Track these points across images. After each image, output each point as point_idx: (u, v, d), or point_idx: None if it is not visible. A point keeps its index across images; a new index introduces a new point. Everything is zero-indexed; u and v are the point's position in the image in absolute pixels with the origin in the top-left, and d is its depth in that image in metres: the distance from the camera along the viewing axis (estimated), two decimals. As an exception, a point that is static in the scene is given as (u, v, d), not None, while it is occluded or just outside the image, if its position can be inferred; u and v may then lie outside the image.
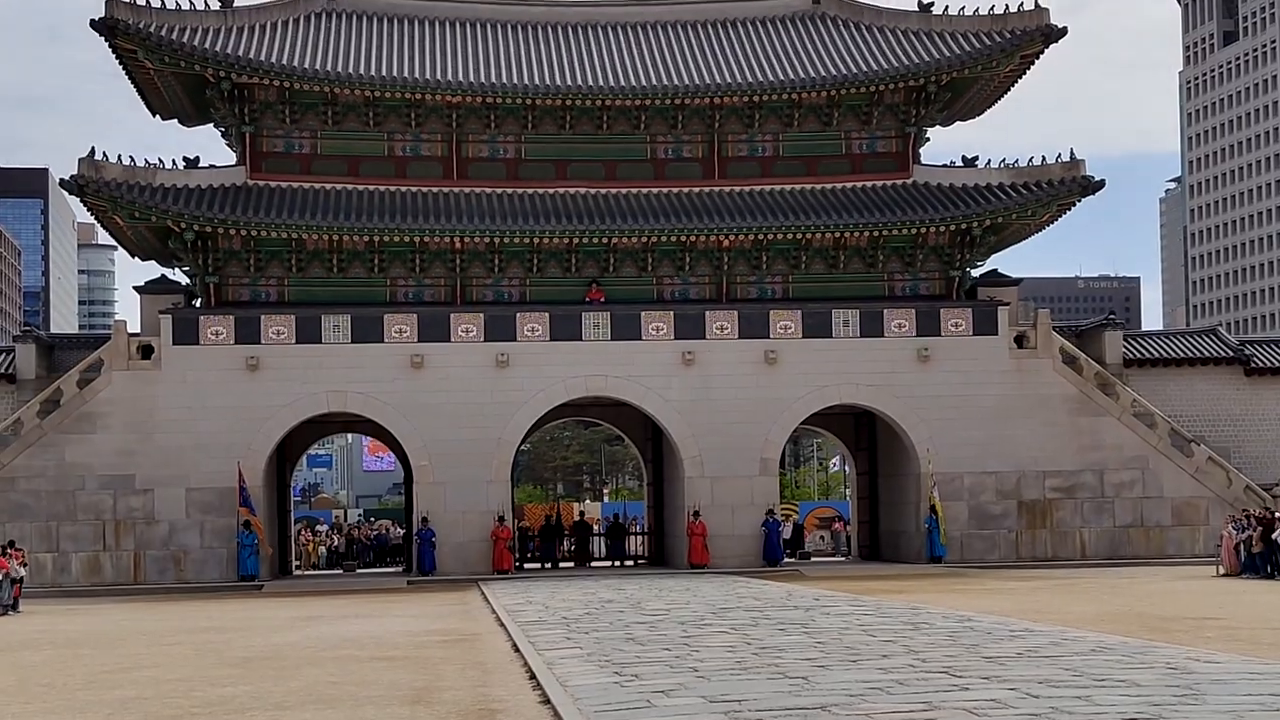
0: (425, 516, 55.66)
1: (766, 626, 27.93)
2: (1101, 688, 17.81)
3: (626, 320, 56.63)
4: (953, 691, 17.78)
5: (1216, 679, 18.42)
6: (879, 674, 19.68)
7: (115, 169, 54.85)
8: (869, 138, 60.04)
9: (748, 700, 17.48)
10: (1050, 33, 58.27)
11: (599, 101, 57.78)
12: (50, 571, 53.49)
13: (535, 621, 31.14)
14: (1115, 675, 18.99)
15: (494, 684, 21.42)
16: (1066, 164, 58.54)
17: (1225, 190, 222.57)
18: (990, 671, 19.64)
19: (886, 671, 19.92)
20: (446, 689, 20.95)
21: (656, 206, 57.68)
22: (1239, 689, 17.52)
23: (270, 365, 55.02)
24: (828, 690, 18.20)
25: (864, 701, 17.12)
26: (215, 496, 54.24)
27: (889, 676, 19.34)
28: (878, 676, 19.39)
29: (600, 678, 20.46)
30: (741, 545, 56.42)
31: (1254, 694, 17.11)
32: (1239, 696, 16.92)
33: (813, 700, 17.33)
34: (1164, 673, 19.17)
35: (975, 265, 59.68)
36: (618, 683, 19.80)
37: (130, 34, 54.34)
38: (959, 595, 38.33)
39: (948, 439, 56.67)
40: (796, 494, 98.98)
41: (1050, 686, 17.98)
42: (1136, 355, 61.42)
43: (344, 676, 22.79)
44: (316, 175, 57.73)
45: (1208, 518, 56.78)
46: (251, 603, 45.19)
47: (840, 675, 19.69)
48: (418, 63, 58.48)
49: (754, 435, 56.73)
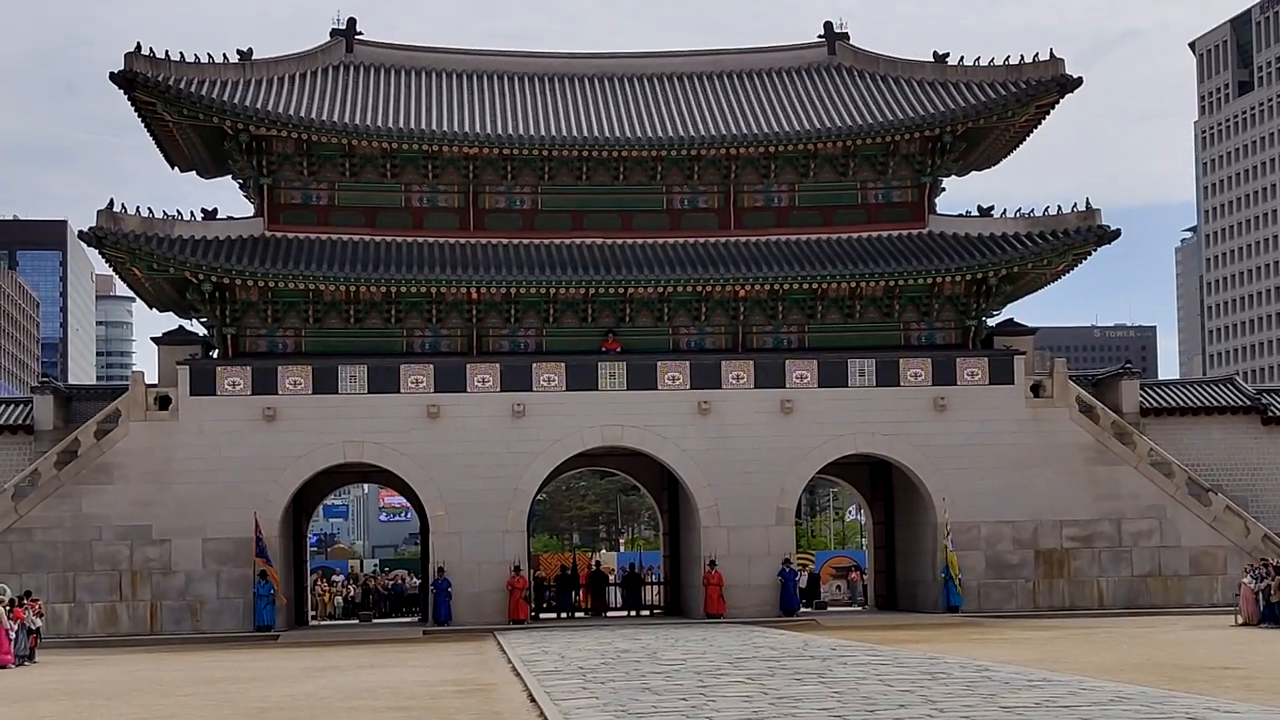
0: (441, 566, 55.62)
1: (783, 676, 27.86)
2: (1119, 737, 17.74)
3: (642, 370, 56.68)
4: (970, 741, 17.71)
5: (1235, 728, 18.33)
6: (896, 724, 19.62)
7: (133, 221, 55.11)
8: (884, 187, 60.16)
9: (764, 750, 17.43)
10: (1065, 83, 58.43)
11: (615, 152, 57.99)
12: (66, 622, 53.49)
13: (551, 671, 31.08)
14: (1133, 725, 18.91)
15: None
16: (1082, 213, 58.59)
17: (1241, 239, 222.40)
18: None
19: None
20: (463, 739, 20.89)
21: (672, 257, 57.80)
22: (1257, 738, 17.44)
23: (287, 416, 55.12)
24: (844, 740, 18.14)
25: (881, 751, 17.07)
26: (232, 547, 54.27)
27: (906, 726, 19.28)
28: (895, 726, 19.33)
29: (617, 727, 20.40)
30: (758, 595, 56.30)
31: (1272, 743, 17.03)
32: (1257, 746, 16.85)
33: (829, 750, 17.28)
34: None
35: (991, 314, 59.69)
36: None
37: (149, 87, 54.69)
38: (976, 645, 38.20)
39: (964, 488, 56.58)
40: (813, 543, 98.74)
41: (1068, 736, 17.91)
42: (1153, 404, 61.33)
43: (360, 726, 22.75)
44: (334, 226, 57.97)
45: (1226, 567, 56.58)
46: (267, 653, 45.14)
47: (857, 725, 19.63)
48: (435, 115, 58.77)
49: (770, 484, 56.68)
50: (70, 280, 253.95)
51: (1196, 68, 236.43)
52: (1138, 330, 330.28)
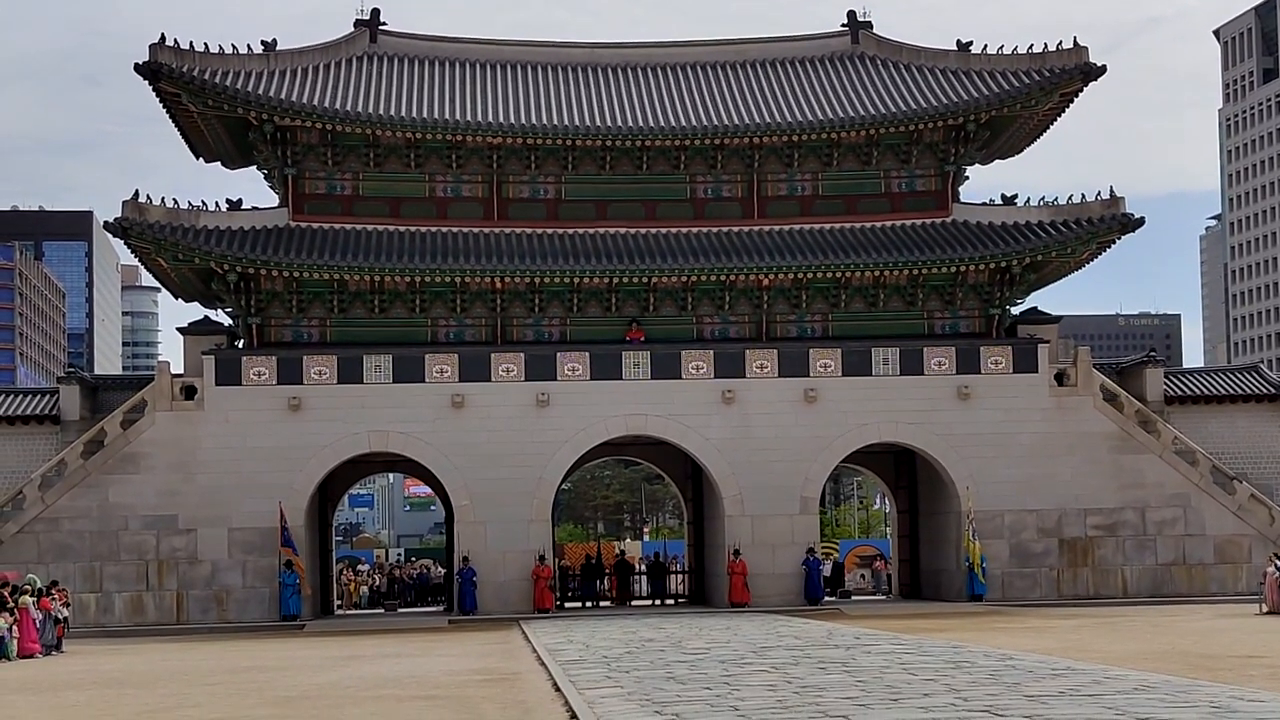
0: (466, 556, 55.77)
1: (807, 665, 27.91)
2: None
3: (666, 359, 56.73)
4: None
5: (1261, 718, 18.34)
6: (920, 713, 19.66)
7: (159, 211, 55.29)
8: (908, 176, 60.09)
9: (789, 738, 17.48)
10: (1089, 71, 58.28)
11: (639, 142, 58.01)
12: (93, 612, 53.74)
13: (576, 660, 31.17)
14: (1159, 714, 18.93)
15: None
16: (1106, 201, 58.46)
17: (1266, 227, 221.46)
18: (1032, 710, 19.59)
19: (928, 710, 19.89)
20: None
21: (696, 246, 57.82)
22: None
23: (312, 405, 55.30)
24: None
25: (905, 740, 17.11)
26: (257, 536, 54.48)
27: (930, 715, 19.31)
28: (919, 716, 19.37)
29: (641, 716, 20.48)
30: (782, 584, 56.36)
31: (1297, 732, 17.04)
32: (1281, 735, 16.86)
33: (854, 738, 17.32)
34: (1208, 712, 19.10)
35: (1015, 303, 59.61)
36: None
37: (174, 78, 54.86)
38: (1000, 633, 38.20)
39: (988, 477, 56.54)
40: (837, 532, 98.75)
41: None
42: (1177, 393, 61.20)
43: (385, 716, 22.87)
44: (358, 216, 58.10)
45: (1250, 555, 56.48)
46: (293, 642, 45.30)
47: (881, 714, 19.68)
48: (458, 105, 58.86)
49: (794, 473, 56.71)
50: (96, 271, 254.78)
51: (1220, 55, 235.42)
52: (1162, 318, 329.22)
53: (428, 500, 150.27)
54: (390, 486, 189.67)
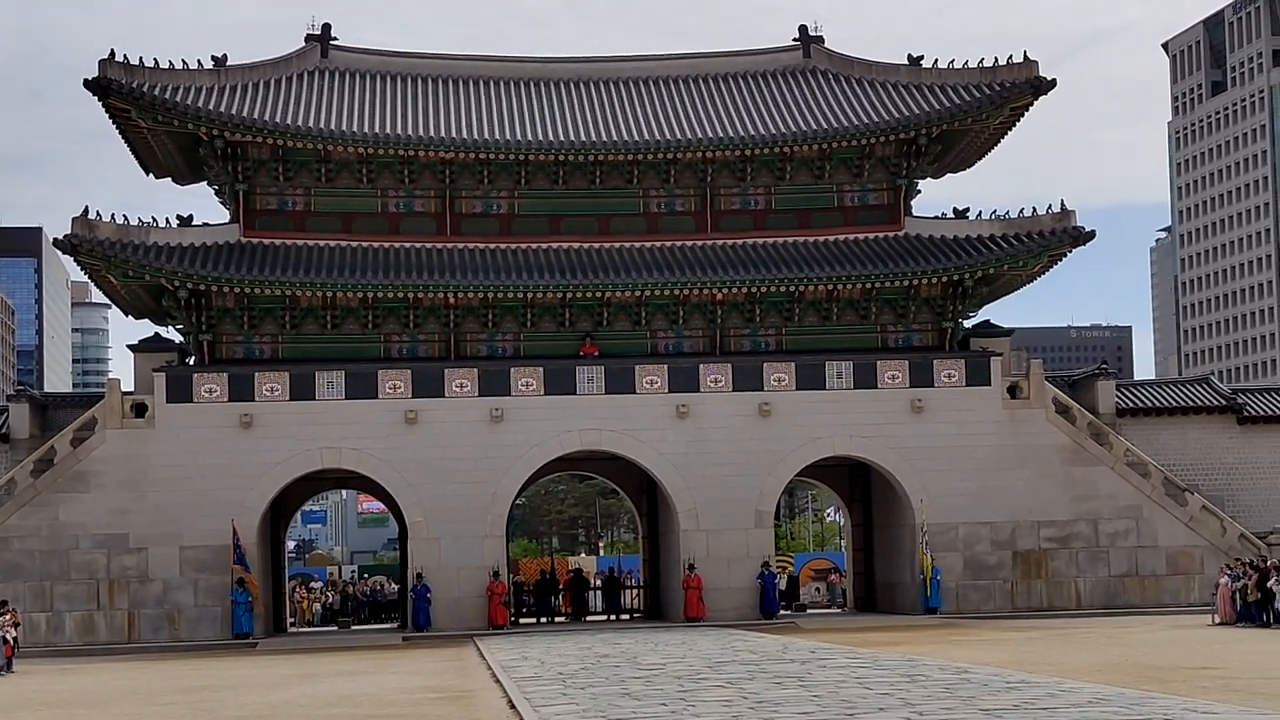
0: (420, 572, 55.56)
1: (763, 680, 27.88)
2: (1098, 739, 17.79)
3: (620, 374, 56.69)
4: (949, 744, 17.75)
5: (1213, 729, 18.39)
6: (876, 727, 19.65)
7: (109, 228, 54.97)
8: (860, 190, 60.24)
9: (745, 755, 17.45)
10: (1040, 84, 58.56)
11: (592, 156, 57.99)
12: (44, 631, 53.31)
13: (531, 677, 31.07)
14: (1112, 726, 18.96)
15: (490, 741, 21.36)
16: (1057, 215, 58.73)
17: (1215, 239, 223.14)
18: (987, 724, 19.61)
19: (883, 724, 19.88)
20: (443, 746, 20.89)
21: (649, 260, 57.81)
22: (1235, 739, 17.50)
23: (264, 422, 55.02)
24: (824, 744, 18.17)
25: (861, 755, 17.10)
26: (209, 554, 54.15)
27: (886, 729, 19.31)
28: (874, 730, 19.36)
29: (597, 733, 20.40)
30: (737, 598, 56.33)
31: (1250, 744, 17.09)
32: (1235, 747, 16.91)
33: (810, 754, 17.30)
34: (1160, 723, 19.15)
35: (967, 316, 59.81)
36: (614, 738, 19.75)
37: (124, 93, 54.58)
38: (955, 646, 38.27)
39: (942, 489, 56.67)
40: (792, 546, 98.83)
41: (1047, 738, 17.95)
42: (1129, 404, 61.48)
43: (340, 734, 22.72)
44: (310, 232, 57.89)
45: (1202, 566, 56.73)
46: (246, 661, 45.03)
47: (837, 729, 19.66)
48: (411, 120, 58.72)
49: (749, 487, 56.71)
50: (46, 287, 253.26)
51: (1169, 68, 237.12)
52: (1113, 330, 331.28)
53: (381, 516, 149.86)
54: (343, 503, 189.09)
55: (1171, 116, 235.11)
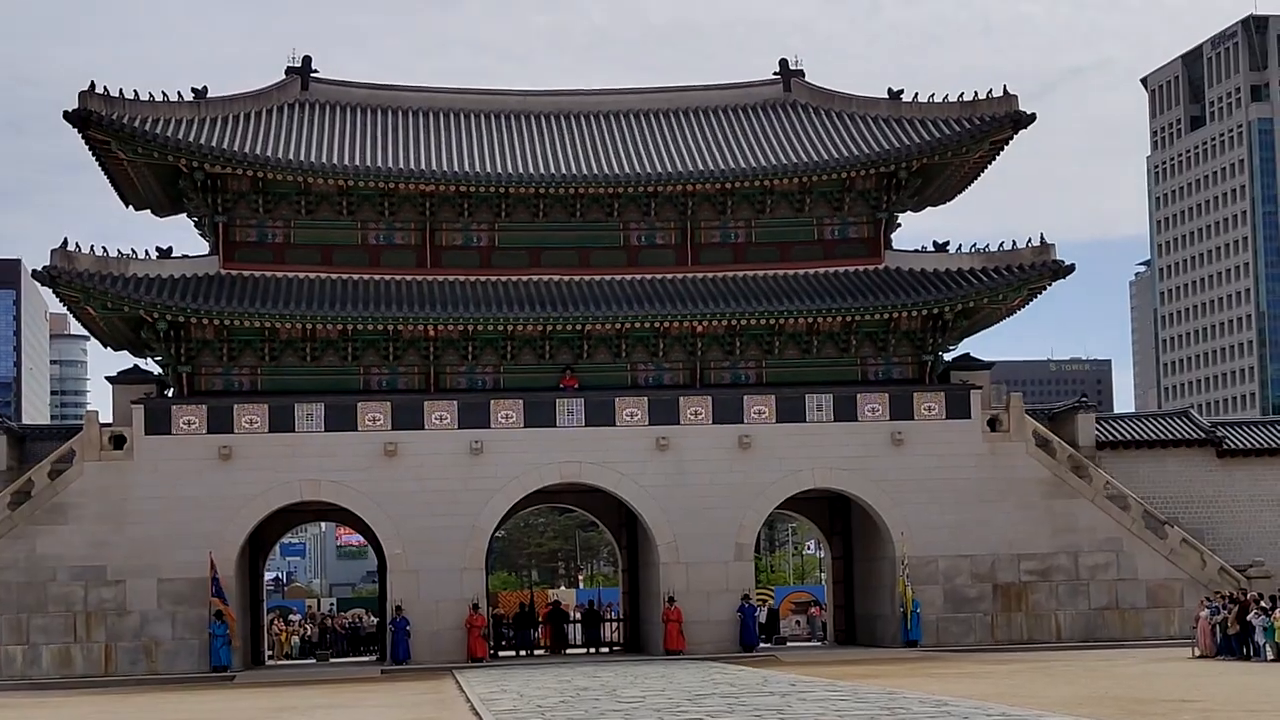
0: (399, 605, 55.37)
1: (742, 713, 27.79)
2: (1078, 772, 17.74)
3: (600, 406, 56.63)
4: (929, 777, 17.69)
5: (1193, 762, 18.35)
6: (855, 760, 19.58)
7: (87, 259, 54.85)
8: (841, 224, 60.34)
9: (723, 788, 17.37)
10: (1019, 119, 58.74)
11: (572, 189, 58.02)
12: (20, 664, 53.02)
13: (510, 710, 30.94)
14: (1091, 759, 18.92)
15: (468, 774, 21.24)
16: (1036, 248, 58.86)
17: (1194, 273, 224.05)
18: (966, 757, 19.55)
19: (863, 758, 19.82)
20: (420, 780, 20.77)
21: (630, 293, 57.82)
22: (1215, 772, 17.46)
23: (243, 455, 54.85)
24: (804, 777, 18.09)
25: (840, 788, 17.03)
26: (187, 587, 53.90)
27: (865, 763, 19.24)
28: (854, 763, 19.29)
29: (575, 767, 20.30)
30: (717, 631, 56.20)
31: (1230, 777, 17.05)
32: (1215, 779, 16.87)
33: (789, 787, 17.22)
34: (1140, 756, 19.10)
35: (947, 349, 59.89)
36: (593, 772, 19.65)
37: (104, 125, 54.51)
38: (935, 679, 38.20)
39: (922, 522, 56.64)
40: (772, 578, 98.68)
41: (1027, 771, 17.91)
42: (1109, 438, 61.55)
43: (317, 768, 22.59)
44: (290, 264, 57.82)
45: (1182, 599, 56.75)
46: (224, 694, 44.79)
47: (816, 762, 19.59)
48: (391, 152, 58.72)
49: (729, 520, 56.63)
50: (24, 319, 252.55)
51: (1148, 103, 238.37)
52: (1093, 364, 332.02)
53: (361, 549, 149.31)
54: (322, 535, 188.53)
55: (1151, 151, 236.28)
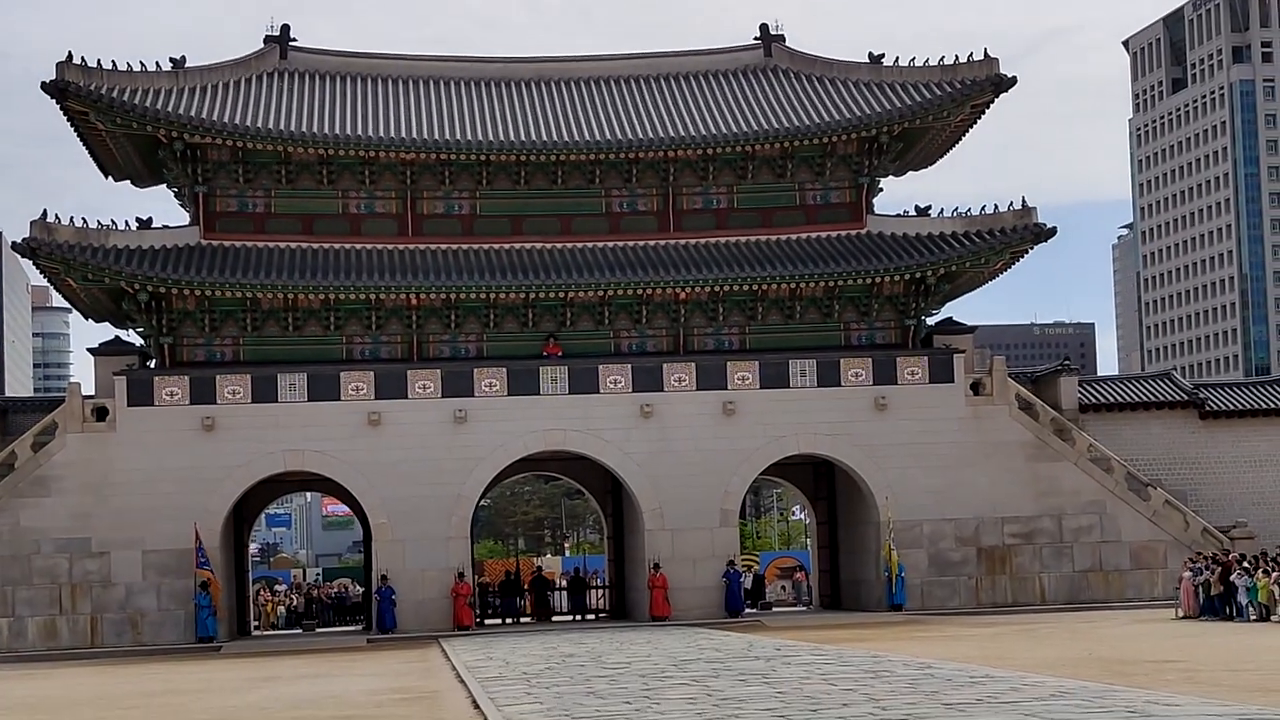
0: (385, 574, 55.40)
1: (727, 678, 27.86)
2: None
3: (584, 374, 56.61)
4: (913, 739, 17.77)
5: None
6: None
7: (67, 231, 54.67)
8: (822, 189, 60.28)
9: (708, 752, 17.43)
10: (1000, 82, 58.70)
11: (553, 156, 57.89)
12: (5, 636, 53.03)
13: (496, 678, 30.99)
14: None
15: (454, 741, 21.29)
16: (1018, 212, 58.89)
17: (1177, 236, 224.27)
18: (950, 718, 19.63)
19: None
20: (406, 747, 20.82)
21: (612, 260, 57.77)
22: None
23: (226, 425, 54.78)
24: (788, 740, 18.16)
25: (824, 751, 17.09)
26: (172, 558, 53.88)
27: (849, 725, 19.31)
28: (838, 725, 19.36)
29: (560, 732, 20.35)
30: (703, 597, 56.31)
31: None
32: (1197, 738, 16.96)
33: (773, 750, 17.28)
34: (1123, 716, 19.20)
35: (930, 314, 59.91)
36: (578, 737, 19.70)
37: (82, 96, 54.27)
38: (919, 642, 38.32)
39: (906, 487, 56.74)
40: (757, 544, 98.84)
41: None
42: (1092, 400, 61.68)
43: (303, 736, 22.62)
44: (271, 234, 57.64)
45: (1166, 561, 56.94)
46: (209, 664, 44.81)
47: (801, 725, 19.65)
48: (371, 121, 58.53)
49: (714, 486, 56.70)
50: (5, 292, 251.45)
51: (1130, 65, 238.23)
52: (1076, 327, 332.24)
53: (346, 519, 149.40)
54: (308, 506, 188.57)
55: (1132, 113, 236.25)
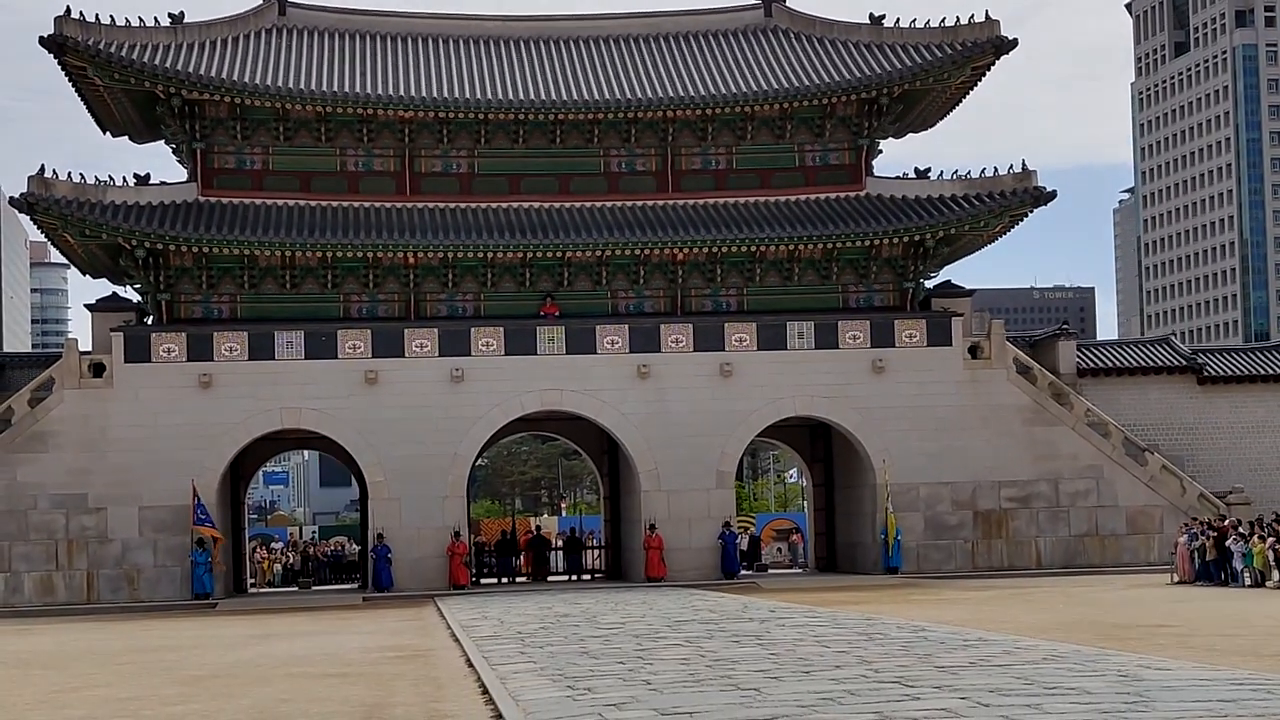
0: (381, 533, 55.45)
1: (721, 639, 27.90)
2: (1052, 695, 17.85)
3: (581, 334, 56.56)
4: (904, 701, 17.79)
5: (1167, 686, 18.47)
6: (831, 684, 19.68)
7: (65, 186, 54.52)
8: (822, 150, 60.13)
9: (699, 713, 17.46)
10: (1001, 44, 58.48)
11: (552, 115, 57.73)
12: (2, 592, 53.11)
13: (490, 637, 31.04)
14: (1066, 683, 19.03)
15: (447, 699, 21.35)
16: (1018, 175, 58.76)
17: (1178, 200, 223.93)
18: (942, 681, 19.65)
19: (839, 682, 19.91)
20: (398, 705, 20.87)
21: (610, 220, 57.65)
22: (1188, 695, 17.58)
23: (223, 382, 54.75)
24: (779, 701, 18.19)
25: (815, 713, 17.12)
26: (169, 515, 53.90)
27: (841, 687, 19.33)
28: (830, 687, 19.38)
29: (553, 691, 20.39)
30: (698, 558, 56.38)
31: (1203, 700, 17.17)
32: (1188, 703, 16.98)
33: (764, 711, 17.31)
34: (1115, 680, 19.22)
35: (929, 276, 59.83)
36: (570, 696, 19.75)
37: (80, 51, 54.05)
38: (914, 605, 38.38)
39: (903, 450, 56.75)
40: (754, 506, 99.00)
41: (1001, 695, 18.01)
42: (1090, 365, 61.65)
43: (295, 694, 22.67)
44: (268, 191, 57.50)
45: (1162, 526, 57.01)
46: (205, 621, 44.93)
47: (793, 686, 19.68)
48: (369, 78, 58.36)
49: (710, 448, 56.70)
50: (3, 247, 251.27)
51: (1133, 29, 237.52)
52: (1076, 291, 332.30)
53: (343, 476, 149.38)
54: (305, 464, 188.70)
55: (1135, 78, 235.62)
